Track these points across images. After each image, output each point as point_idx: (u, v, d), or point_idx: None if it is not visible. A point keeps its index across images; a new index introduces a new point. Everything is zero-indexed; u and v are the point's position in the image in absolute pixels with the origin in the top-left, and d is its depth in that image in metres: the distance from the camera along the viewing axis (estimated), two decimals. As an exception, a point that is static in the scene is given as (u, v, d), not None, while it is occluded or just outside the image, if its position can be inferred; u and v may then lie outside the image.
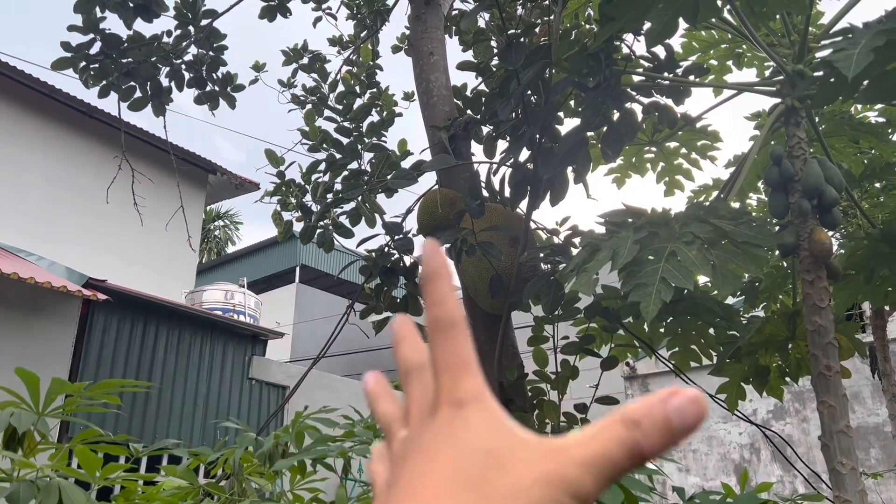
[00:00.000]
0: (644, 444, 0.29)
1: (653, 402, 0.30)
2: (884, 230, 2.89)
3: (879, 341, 4.99)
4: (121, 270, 9.76)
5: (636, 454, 0.29)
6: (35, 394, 1.54)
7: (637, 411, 0.30)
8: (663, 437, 0.30)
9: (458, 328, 0.34)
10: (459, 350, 0.33)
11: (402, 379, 0.37)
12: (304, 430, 1.92)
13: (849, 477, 2.16)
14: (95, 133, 10.35)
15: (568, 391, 3.08)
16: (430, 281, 0.35)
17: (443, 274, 0.35)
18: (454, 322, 0.34)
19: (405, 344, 0.37)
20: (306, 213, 3.05)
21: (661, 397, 0.30)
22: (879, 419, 10.21)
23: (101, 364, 6.32)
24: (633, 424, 0.30)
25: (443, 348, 0.33)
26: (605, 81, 2.42)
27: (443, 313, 0.34)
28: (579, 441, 0.30)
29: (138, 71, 3.90)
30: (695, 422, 0.30)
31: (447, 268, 0.35)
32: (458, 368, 0.33)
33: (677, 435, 0.30)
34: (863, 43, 1.57)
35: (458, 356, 0.33)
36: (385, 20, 4.67)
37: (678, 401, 0.30)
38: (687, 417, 0.30)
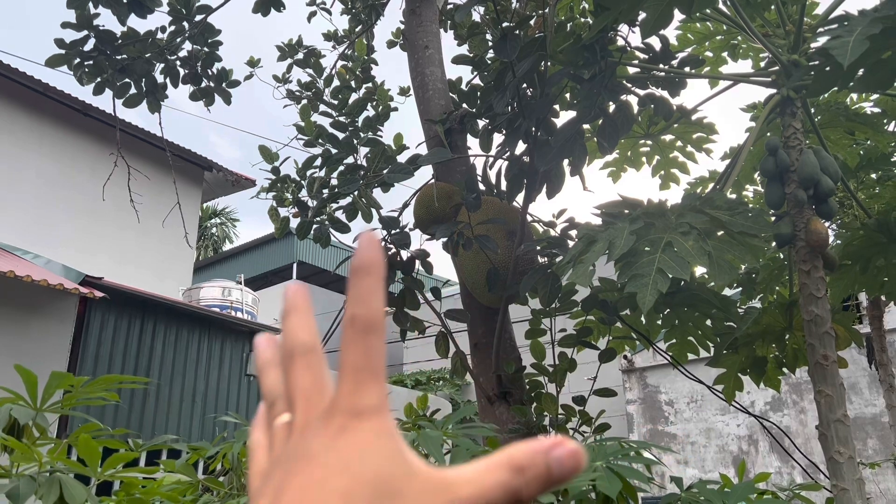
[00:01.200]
0: (524, 490, 0.30)
1: (537, 451, 0.31)
2: (879, 220, 2.90)
3: (876, 331, 5.00)
4: (117, 268, 9.74)
5: (515, 499, 0.30)
6: (33, 391, 1.54)
7: (523, 458, 0.31)
8: (541, 485, 0.31)
9: (376, 331, 0.32)
10: (371, 355, 0.32)
11: (285, 359, 0.34)
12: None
13: (846, 466, 2.17)
14: (90, 130, 10.32)
15: (566, 384, 3.08)
16: (356, 275, 0.32)
17: (373, 270, 0.32)
18: (373, 324, 0.32)
19: (295, 318, 0.35)
20: (303, 209, 3.04)
21: (545, 447, 0.31)
22: (877, 409, 10.25)
23: (99, 362, 6.32)
24: (518, 471, 0.30)
25: (354, 349, 0.32)
26: (600, 73, 2.42)
27: (362, 312, 0.32)
28: (467, 479, 0.30)
29: (133, 67, 3.89)
30: (571, 474, 0.31)
31: (380, 265, 0.33)
32: (365, 374, 0.31)
33: (552, 484, 0.31)
34: (858, 30, 1.57)
35: (369, 361, 0.32)
36: (380, 14, 4.66)
37: (559, 452, 0.31)
38: (565, 469, 0.31)
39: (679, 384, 12.16)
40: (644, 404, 12.80)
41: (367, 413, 0.31)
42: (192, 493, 2.17)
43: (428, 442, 1.43)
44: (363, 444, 0.30)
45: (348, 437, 0.30)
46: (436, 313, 3.18)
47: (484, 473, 0.30)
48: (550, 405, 2.98)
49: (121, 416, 6.32)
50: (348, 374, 0.32)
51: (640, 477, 1.38)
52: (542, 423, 2.96)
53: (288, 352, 0.34)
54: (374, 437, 0.30)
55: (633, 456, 1.63)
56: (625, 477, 1.44)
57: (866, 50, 1.55)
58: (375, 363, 0.32)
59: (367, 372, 0.32)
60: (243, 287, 10.98)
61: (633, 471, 1.44)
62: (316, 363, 0.34)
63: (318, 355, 0.34)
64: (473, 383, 3.25)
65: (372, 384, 0.31)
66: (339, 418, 0.31)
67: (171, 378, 6.88)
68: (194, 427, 6.90)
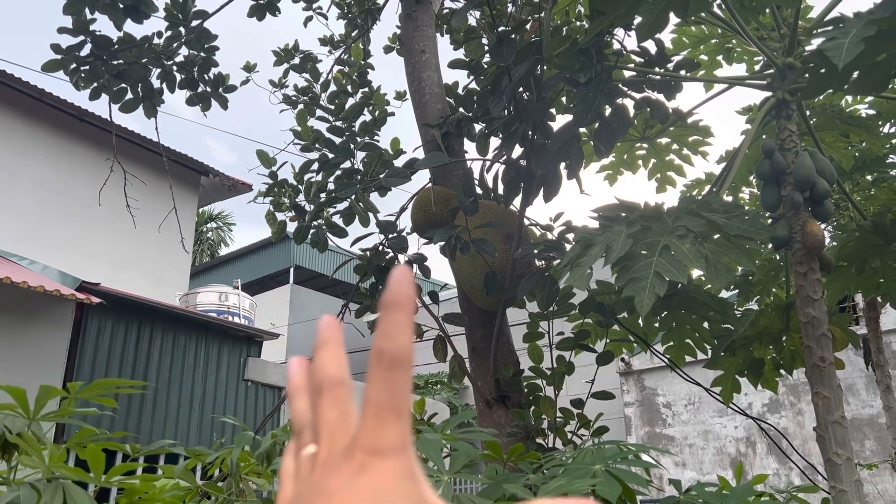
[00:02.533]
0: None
1: None
2: (875, 222, 2.91)
3: (873, 333, 5.02)
4: (114, 274, 9.73)
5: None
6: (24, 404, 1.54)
7: None
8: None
9: (402, 368, 0.31)
10: (396, 391, 0.31)
11: (314, 391, 0.34)
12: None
13: (844, 467, 2.17)
14: (86, 136, 10.31)
15: (564, 387, 3.09)
16: (387, 309, 0.32)
17: (404, 306, 0.32)
18: (400, 360, 0.31)
19: (326, 351, 0.34)
20: (300, 213, 3.05)
21: None
22: (874, 411, 10.27)
23: (96, 368, 6.30)
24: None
25: (378, 385, 0.31)
26: (596, 77, 2.42)
27: (390, 347, 0.31)
28: None
29: (129, 72, 3.89)
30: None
31: (412, 301, 0.32)
32: (388, 411, 0.31)
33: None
34: (853, 32, 1.58)
35: (393, 398, 0.31)
36: (376, 19, 4.67)
37: None
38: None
39: (677, 386, 12.17)
40: (642, 407, 12.81)
41: (387, 452, 0.30)
42: (192, 499, 2.17)
43: (427, 446, 1.43)
44: (381, 485, 0.29)
45: (367, 476, 0.30)
46: (433, 317, 3.18)
47: None
48: (549, 408, 2.98)
49: (118, 421, 6.30)
50: (371, 411, 0.31)
51: (639, 481, 1.39)
52: (541, 426, 2.96)
53: (318, 384, 0.34)
54: (394, 478, 0.30)
55: (631, 459, 1.63)
56: (624, 481, 1.45)
57: (861, 52, 1.56)
58: (400, 400, 0.31)
59: (391, 409, 0.31)
60: (240, 292, 10.96)
61: (633, 475, 1.44)
62: (344, 398, 0.34)
63: (346, 390, 0.34)
64: (471, 387, 3.25)
65: (394, 422, 0.31)
66: (359, 456, 0.30)
67: (169, 383, 6.86)
68: (192, 432, 6.88)
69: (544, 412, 2.99)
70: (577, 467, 1.49)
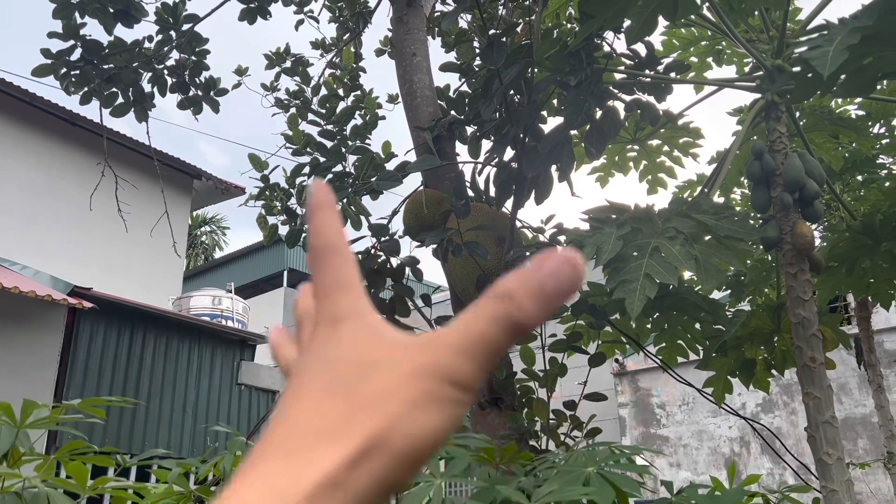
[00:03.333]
0: (519, 315, 0.28)
1: (527, 271, 0.29)
2: (864, 222, 2.92)
3: (864, 332, 5.04)
4: (106, 278, 9.69)
5: (512, 328, 0.28)
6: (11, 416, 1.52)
7: (510, 283, 0.29)
8: (538, 304, 0.28)
9: (337, 253, 0.32)
10: (335, 272, 0.32)
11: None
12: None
13: (835, 467, 2.18)
14: (78, 140, 10.28)
15: (558, 388, 3.09)
16: (312, 212, 0.33)
17: (325, 206, 0.33)
18: (333, 247, 0.32)
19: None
20: (291, 217, 3.04)
21: (534, 264, 0.29)
22: (867, 410, 10.31)
23: (89, 372, 6.27)
24: (507, 298, 0.28)
25: (321, 273, 0.32)
26: (586, 80, 2.43)
27: (321, 241, 0.33)
28: (453, 328, 0.29)
29: (120, 77, 3.88)
30: (570, 284, 0.29)
31: (332, 201, 0.34)
32: (334, 288, 0.32)
33: (553, 300, 0.29)
34: (837, 40, 1.59)
35: (334, 277, 0.32)
36: (367, 22, 4.67)
37: (551, 264, 0.29)
38: (562, 281, 0.28)
39: (671, 387, 12.20)
40: (636, 407, 12.83)
41: (343, 317, 0.31)
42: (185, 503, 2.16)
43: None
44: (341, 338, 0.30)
45: (328, 339, 0.31)
46: (426, 320, 3.18)
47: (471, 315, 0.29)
48: (542, 410, 2.99)
49: (111, 427, 6.28)
50: (322, 295, 0.32)
51: (633, 487, 1.39)
52: (534, 428, 2.96)
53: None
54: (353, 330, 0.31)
55: (625, 463, 1.63)
56: (617, 486, 1.45)
57: (847, 57, 1.57)
58: (342, 276, 0.32)
59: (336, 286, 0.32)
60: (233, 295, 10.93)
61: (626, 479, 1.44)
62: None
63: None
64: (465, 390, 3.25)
65: (343, 293, 0.32)
66: (321, 329, 0.31)
67: (162, 388, 6.83)
68: (185, 437, 6.86)
69: (537, 414, 2.99)
70: (569, 469, 1.49)
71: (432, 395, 0.28)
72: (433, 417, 0.28)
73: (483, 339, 0.28)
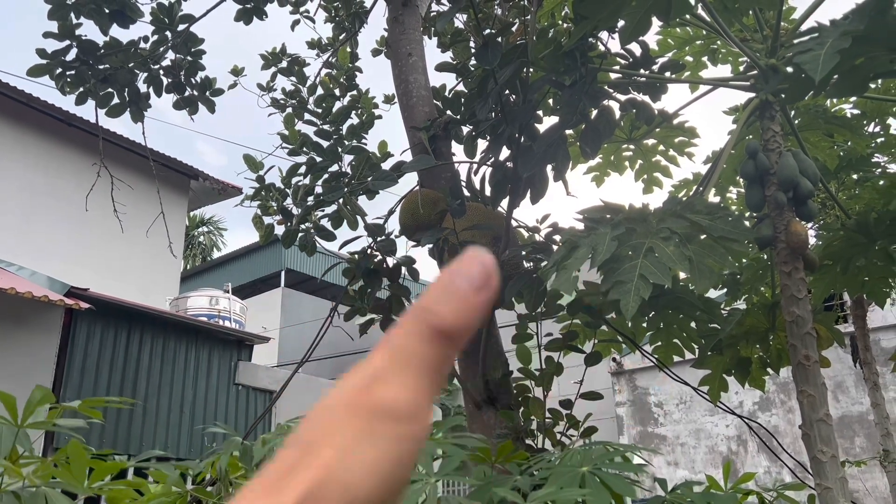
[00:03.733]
0: (437, 322, 0.27)
1: (437, 279, 0.28)
2: (859, 221, 2.94)
3: (860, 330, 5.06)
4: (104, 279, 9.68)
5: (436, 337, 0.27)
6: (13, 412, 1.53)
7: (424, 296, 0.28)
8: (453, 307, 0.27)
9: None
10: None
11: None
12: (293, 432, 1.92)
13: (829, 465, 2.19)
14: (74, 140, 10.26)
15: (555, 387, 3.10)
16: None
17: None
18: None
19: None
20: (287, 217, 3.04)
21: (444, 271, 0.28)
22: (863, 408, 10.34)
23: (86, 373, 6.26)
24: (421, 309, 0.27)
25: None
26: (581, 79, 2.44)
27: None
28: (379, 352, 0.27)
29: (115, 77, 3.88)
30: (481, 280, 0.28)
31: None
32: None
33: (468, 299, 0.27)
34: (828, 44, 1.60)
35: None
36: (363, 22, 4.67)
37: (459, 265, 0.28)
38: (472, 278, 0.28)
39: (668, 386, 12.22)
40: (634, 406, 12.85)
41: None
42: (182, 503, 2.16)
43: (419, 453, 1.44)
44: None
45: None
46: (423, 320, 3.18)
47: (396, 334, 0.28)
48: (538, 410, 2.99)
49: (108, 427, 6.27)
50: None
51: (627, 490, 1.39)
52: (530, 427, 2.97)
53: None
54: None
55: (619, 462, 1.64)
56: (612, 488, 1.45)
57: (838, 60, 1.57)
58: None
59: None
60: (231, 296, 10.93)
61: (620, 481, 1.45)
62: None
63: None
64: (461, 389, 3.26)
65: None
66: None
67: (159, 389, 6.83)
68: (182, 437, 6.85)
69: (533, 413, 3.00)
70: (564, 470, 1.49)
71: (366, 435, 0.26)
72: (370, 459, 0.25)
73: (410, 357, 0.27)
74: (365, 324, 3.26)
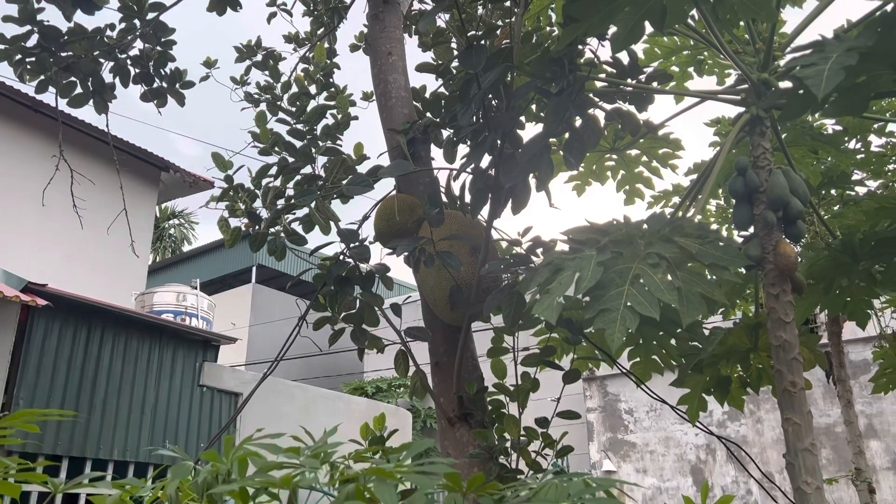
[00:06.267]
0: None
1: None
2: (844, 241, 2.87)
3: (835, 347, 5.04)
4: (69, 272, 9.39)
5: None
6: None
7: None
8: None
9: None
10: None
11: None
12: (248, 456, 1.78)
13: (814, 497, 2.11)
14: (40, 128, 9.94)
15: (530, 399, 3.00)
16: None
17: None
18: None
19: None
20: (254, 221, 2.90)
21: None
22: (831, 420, 10.43)
23: (42, 372, 6.02)
24: None
25: None
26: (568, 87, 2.33)
27: None
28: None
29: (78, 66, 3.69)
30: None
31: None
32: None
33: None
34: (833, 59, 1.50)
35: None
36: (343, 18, 4.53)
37: None
38: None
39: (639, 393, 12.24)
40: (604, 413, 12.84)
41: None
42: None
43: (382, 490, 1.32)
44: None
45: None
46: (395, 331, 3.06)
47: None
48: (512, 427, 2.89)
49: (64, 429, 6.03)
50: None
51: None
52: (504, 445, 2.86)
53: None
54: None
55: (600, 497, 1.53)
56: None
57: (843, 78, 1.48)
58: None
59: None
60: (199, 292, 10.68)
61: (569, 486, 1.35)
62: None
63: None
64: (433, 403, 3.14)
65: None
66: None
67: (119, 389, 6.59)
68: (143, 440, 6.63)
69: (508, 431, 2.89)
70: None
71: None
72: None
73: None
74: (335, 333, 3.13)
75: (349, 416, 8.60)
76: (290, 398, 7.90)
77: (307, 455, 1.74)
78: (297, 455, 1.69)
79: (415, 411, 14.70)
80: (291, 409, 7.65)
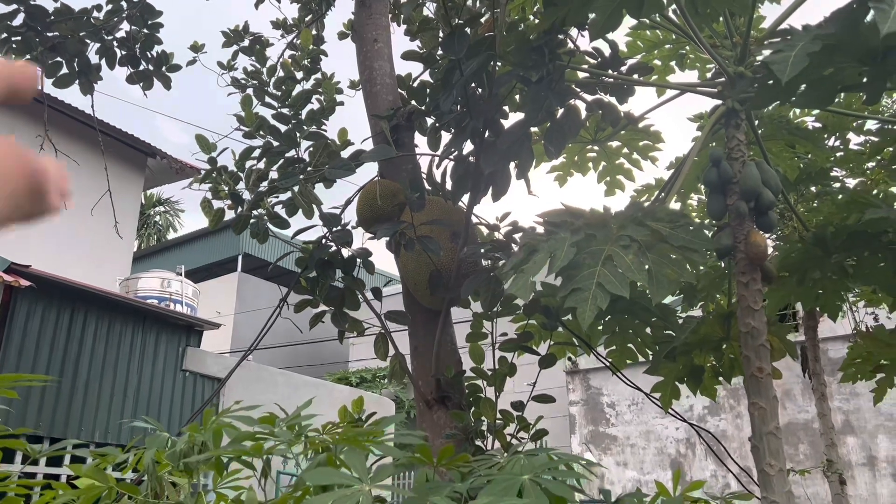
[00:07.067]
0: None
1: None
2: (816, 234, 2.94)
3: (811, 341, 5.13)
4: (54, 255, 9.34)
5: None
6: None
7: None
8: None
9: None
10: None
11: None
12: (223, 427, 1.82)
13: (776, 478, 2.18)
14: (25, 109, 9.86)
15: (508, 385, 3.05)
16: None
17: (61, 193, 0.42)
18: None
19: None
20: (237, 202, 2.92)
21: None
22: (809, 416, 10.58)
23: (24, 354, 6.00)
24: None
25: None
26: (548, 76, 2.37)
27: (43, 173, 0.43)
28: None
29: (65, 46, 3.69)
30: None
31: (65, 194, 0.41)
32: None
33: None
34: (799, 46, 1.55)
35: None
36: (331, 4, 4.54)
37: None
38: None
39: (621, 387, 12.35)
40: (587, 406, 12.95)
41: None
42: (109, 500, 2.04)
43: (351, 455, 1.36)
44: None
45: None
46: (376, 314, 3.10)
47: None
48: (488, 410, 2.94)
49: (46, 410, 6.03)
50: None
51: (567, 494, 1.34)
52: (480, 428, 2.91)
53: None
54: None
55: (562, 470, 1.58)
56: (553, 493, 1.40)
57: (808, 66, 1.53)
58: None
59: None
60: (183, 279, 10.66)
61: (562, 486, 1.40)
62: None
63: None
64: (412, 386, 3.18)
65: None
66: None
67: (102, 372, 6.59)
68: (125, 423, 6.63)
69: (484, 414, 2.94)
70: (503, 478, 1.43)
71: None
72: None
73: None
74: (315, 316, 3.16)
75: (332, 405, 8.63)
76: (273, 385, 7.93)
77: (281, 427, 1.78)
78: (272, 426, 1.73)
79: (399, 402, 14.75)
80: (274, 395, 7.67)
